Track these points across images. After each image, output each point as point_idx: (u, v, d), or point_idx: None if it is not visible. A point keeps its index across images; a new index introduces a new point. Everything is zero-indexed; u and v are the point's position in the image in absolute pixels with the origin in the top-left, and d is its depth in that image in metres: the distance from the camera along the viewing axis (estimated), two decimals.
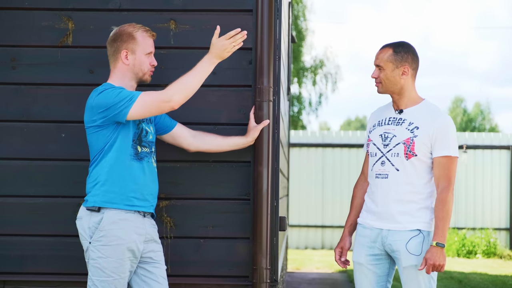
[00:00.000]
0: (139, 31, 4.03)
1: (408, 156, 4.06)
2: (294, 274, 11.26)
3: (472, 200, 15.67)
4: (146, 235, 3.99)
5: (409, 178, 4.07)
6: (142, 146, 4.00)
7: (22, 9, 4.57)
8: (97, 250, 3.88)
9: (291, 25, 11.00)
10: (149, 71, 4.07)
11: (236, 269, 4.53)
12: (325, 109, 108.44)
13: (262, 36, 4.41)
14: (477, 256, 14.62)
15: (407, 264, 4.04)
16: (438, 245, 3.95)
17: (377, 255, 4.14)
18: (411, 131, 4.08)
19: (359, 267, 4.19)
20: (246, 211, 4.51)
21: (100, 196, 3.91)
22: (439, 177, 4.06)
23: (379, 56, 4.14)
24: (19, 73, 4.55)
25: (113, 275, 3.88)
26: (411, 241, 4.04)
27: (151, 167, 4.04)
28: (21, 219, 4.55)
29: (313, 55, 29.50)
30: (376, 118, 4.29)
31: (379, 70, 4.14)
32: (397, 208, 4.07)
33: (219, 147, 4.38)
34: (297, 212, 15.51)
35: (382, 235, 4.11)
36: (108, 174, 3.93)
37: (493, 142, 15.76)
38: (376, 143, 4.18)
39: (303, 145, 15.76)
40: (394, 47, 4.14)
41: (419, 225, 4.06)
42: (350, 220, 4.34)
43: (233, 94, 4.53)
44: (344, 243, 4.31)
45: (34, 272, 4.57)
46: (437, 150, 4.06)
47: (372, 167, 4.18)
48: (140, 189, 3.96)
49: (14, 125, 4.55)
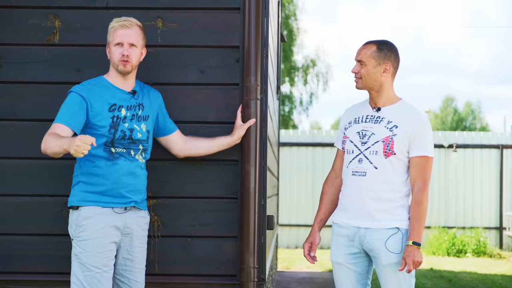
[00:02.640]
0: (113, 23, 4.09)
1: (387, 154, 4.06)
2: (284, 273, 11.26)
3: (462, 199, 15.71)
4: (124, 229, 4.05)
5: (387, 176, 4.07)
6: (116, 147, 4.01)
7: (8, 7, 4.55)
8: (77, 246, 3.97)
9: (282, 24, 11.00)
10: (120, 61, 4.04)
11: (224, 268, 4.52)
12: (316, 108, 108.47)
13: (250, 34, 4.40)
14: (467, 255, 14.66)
15: (387, 262, 4.03)
16: (414, 244, 3.97)
17: (355, 253, 4.14)
18: (390, 129, 4.08)
19: (338, 266, 4.18)
20: (233, 209, 4.50)
21: (76, 195, 4.02)
22: (415, 177, 4.07)
23: (361, 52, 4.12)
24: (6, 71, 4.53)
25: (94, 269, 3.93)
26: (390, 239, 4.04)
27: (130, 165, 4.05)
28: (8, 218, 4.53)
29: (304, 55, 29.56)
30: (351, 115, 4.26)
31: (361, 65, 4.12)
32: (375, 206, 4.06)
33: (206, 150, 4.40)
34: (287, 211, 15.52)
35: (360, 233, 4.10)
36: (83, 175, 4.02)
37: (483, 141, 15.81)
38: (353, 140, 4.15)
39: (294, 144, 15.77)
40: (378, 44, 4.13)
41: (398, 223, 4.06)
42: (319, 216, 4.33)
43: (220, 93, 4.52)
44: (313, 238, 4.29)
45: (21, 271, 4.54)
46: (415, 150, 4.07)
47: (348, 164, 4.15)
48: (116, 187, 4.01)
49: (0, 124, 4.53)
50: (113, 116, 4.00)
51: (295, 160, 15.76)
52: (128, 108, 4.06)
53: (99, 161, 3.99)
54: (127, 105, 4.06)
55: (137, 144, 4.07)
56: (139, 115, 4.10)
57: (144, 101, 4.15)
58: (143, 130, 4.11)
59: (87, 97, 3.97)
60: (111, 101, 4.03)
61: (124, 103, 4.06)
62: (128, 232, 4.05)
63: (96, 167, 3.99)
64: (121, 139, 4.01)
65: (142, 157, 4.12)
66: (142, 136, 4.10)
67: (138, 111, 4.10)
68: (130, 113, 4.06)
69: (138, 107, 4.10)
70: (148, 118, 4.15)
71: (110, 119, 4.00)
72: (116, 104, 4.03)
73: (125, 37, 4.05)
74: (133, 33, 4.06)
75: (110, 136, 3.99)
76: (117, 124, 4.01)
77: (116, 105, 4.03)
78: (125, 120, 4.04)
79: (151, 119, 4.17)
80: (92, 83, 4.07)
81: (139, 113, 4.10)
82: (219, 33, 4.51)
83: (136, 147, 4.07)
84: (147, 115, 4.14)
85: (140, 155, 4.10)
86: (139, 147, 4.08)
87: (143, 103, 4.14)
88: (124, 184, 4.02)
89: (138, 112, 4.09)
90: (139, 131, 4.08)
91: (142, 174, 4.13)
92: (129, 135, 4.04)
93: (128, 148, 4.04)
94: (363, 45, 4.16)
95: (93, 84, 4.05)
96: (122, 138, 4.02)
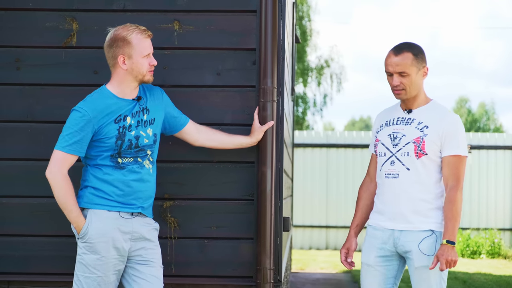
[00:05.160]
0: (133, 34, 3.97)
1: (418, 155, 4.04)
2: (298, 275, 11.26)
3: (476, 200, 15.65)
4: (133, 233, 4.00)
5: (419, 177, 4.05)
6: (123, 157, 3.99)
7: (26, 10, 4.57)
8: (82, 247, 3.95)
9: (296, 26, 11.00)
10: (149, 72, 4.03)
11: (240, 269, 4.53)
12: (330, 109, 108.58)
13: (266, 37, 4.41)
14: (482, 257, 14.61)
15: (419, 265, 4.01)
16: (448, 243, 3.93)
17: (387, 256, 4.13)
18: (421, 130, 4.06)
19: (367, 268, 4.17)
20: (250, 211, 4.51)
21: (84, 198, 4.00)
22: (448, 176, 4.04)
23: (400, 63, 4.03)
24: (23, 73, 4.56)
25: (96, 272, 3.92)
26: (423, 241, 4.02)
27: (138, 172, 4.03)
28: (25, 219, 4.56)
29: (318, 55, 29.52)
30: (383, 118, 4.25)
31: (402, 76, 4.04)
32: (409, 207, 4.05)
33: (223, 144, 4.38)
34: (301, 212, 15.51)
35: (394, 236, 4.08)
36: (91, 180, 4.01)
37: (497, 142, 15.75)
38: (384, 143, 4.14)
39: (308, 146, 15.76)
40: (411, 50, 4.05)
41: (432, 225, 4.04)
42: (356, 221, 4.32)
43: (237, 95, 4.53)
44: (350, 244, 4.28)
45: (38, 272, 4.57)
46: (447, 149, 4.04)
47: (381, 167, 4.15)
48: (124, 194, 3.99)
49: (18, 126, 4.56)
50: (119, 127, 3.97)
51: (309, 161, 15.75)
52: (133, 116, 4.01)
53: (106, 169, 3.98)
54: (132, 113, 4.02)
55: (145, 150, 4.04)
56: (144, 120, 4.05)
57: (149, 104, 4.10)
58: (150, 135, 4.07)
59: (92, 115, 3.92)
60: (117, 112, 3.98)
61: (129, 111, 4.01)
62: (137, 237, 4.01)
63: (104, 174, 3.98)
64: (127, 149, 3.98)
65: (150, 161, 4.09)
66: (149, 141, 4.06)
67: (143, 116, 4.05)
68: (135, 120, 4.01)
69: (142, 112, 4.05)
70: (155, 120, 4.11)
71: (117, 130, 3.96)
72: (121, 115, 3.99)
73: (151, 47, 4.03)
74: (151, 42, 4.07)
75: (117, 148, 3.96)
76: (123, 134, 3.97)
77: (122, 116, 3.98)
78: (131, 128, 4.00)
79: (158, 121, 4.13)
80: (95, 97, 4.00)
81: (144, 118, 4.05)
82: (235, 36, 4.52)
83: (143, 153, 4.04)
84: (153, 118, 4.10)
85: (147, 160, 4.07)
86: (146, 152, 4.05)
87: (147, 106, 4.09)
88: (131, 191, 3.99)
89: (143, 118, 4.04)
90: (145, 137, 4.04)
91: (151, 180, 4.09)
92: (136, 143, 4.00)
93: (136, 156, 4.01)
94: (397, 55, 4.05)
95: (97, 98, 3.99)
96: (128, 147, 3.98)
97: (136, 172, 4.01)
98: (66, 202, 3.91)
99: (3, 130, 4.57)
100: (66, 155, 3.93)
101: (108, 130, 3.95)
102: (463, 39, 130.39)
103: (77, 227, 3.93)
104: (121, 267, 4.00)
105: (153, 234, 4.10)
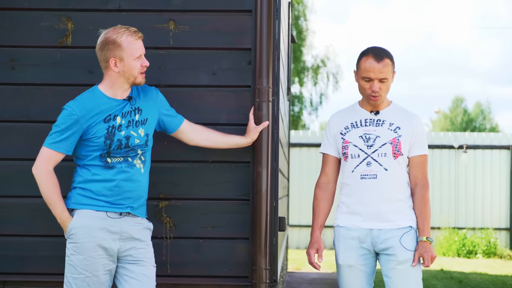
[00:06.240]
0: (123, 37, 3.96)
1: (395, 156, 4.13)
2: (294, 274, 11.26)
3: (472, 200, 15.67)
4: (122, 233, 3.98)
5: (395, 177, 4.14)
6: (112, 157, 3.98)
7: (21, 9, 4.57)
8: (70, 247, 3.95)
9: (291, 25, 11.00)
10: (140, 74, 4.02)
11: (236, 269, 4.53)
12: (326, 108, 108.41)
13: (261, 37, 4.41)
14: (477, 256, 14.63)
15: (403, 258, 4.09)
16: (428, 240, 4.10)
17: (365, 254, 4.18)
18: (394, 131, 4.15)
19: (349, 269, 4.20)
20: (245, 211, 4.51)
21: (72, 199, 4.00)
22: (417, 176, 4.18)
23: (384, 70, 4.08)
24: (19, 73, 4.56)
25: (84, 272, 3.91)
26: (404, 237, 4.11)
27: (128, 172, 4.01)
28: (20, 219, 4.55)
29: (314, 55, 29.55)
30: (344, 120, 4.27)
31: (382, 82, 4.10)
32: (388, 207, 4.13)
33: (218, 144, 4.38)
34: (297, 212, 15.51)
35: (373, 234, 4.14)
36: (80, 181, 4.01)
37: (493, 142, 15.77)
38: (357, 145, 4.18)
39: (304, 145, 15.77)
40: (388, 56, 4.13)
41: (410, 222, 4.16)
42: (319, 222, 4.34)
43: (232, 95, 4.53)
44: (319, 245, 4.29)
45: (34, 272, 4.57)
46: (416, 149, 4.18)
47: (354, 168, 4.18)
48: (112, 194, 3.97)
49: (13, 126, 4.56)
50: (109, 126, 3.96)
51: (305, 161, 15.75)
52: (123, 116, 4.00)
53: (95, 169, 3.98)
54: (122, 112, 4.00)
55: (136, 150, 4.02)
56: (136, 120, 4.03)
57: (141, 104, 4.09)
58: (141, 135, 4.05)
59: (80, 114, 3.92)
60: (106, 112, 3.97)
61: (119, 111, 4.00)
62: (126, 236, 3.99)
63: (93, 174, 3.97)
64: (117, 149, 3.97)
65: (141, 161, 4.07)
66: (140, 141, 4.04)
67: (134, 116, 4.03)
68: (126, 120, 4.00)
69: (134, 112, 4.04)
70: (147, 121, 4.08)
71: (105, 130, 3.95)
72: (111, 114, 3.98)
73: (143, 48, 4.03)
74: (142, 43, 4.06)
75: (106, 148, 3.95)
76: (112, 134, 3.96)
77: (111, 115, 3.97)
78: (121, 128, 3.98)
79: (150, 121, 4.11)
80: (86, 96, 4.00)
81: (136, 118, 4.04)
82: (231, 36, 4.52)
83: (134, 153, 4.02)
84: (145, 119, 4.08)
85: (138, 160, 4.05)
86: (137, 152, 4.04)
87: (139, 106, 4.07)
88: (120, 191, 3.98)
89: (134, 118, 4.03)
90: (136, 137, 4.03)
91: (141, 179, 4.06)
92: (126, 143, 3.99)
93: (126, 156, 4.00)
94: (380, 62, 4.08)
95: (87, 98, 3.99)
96: (118, 147, 3.97)
97: (125, 171, 4.00)
98: (51, 197, 3.93)
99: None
100: (52, 152, 3.96)
101: (97, 129, 3.94)
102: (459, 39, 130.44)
103: (61, 223, 3.95)
104: (112, 267, 3.99)
105: (144, 233, 4.08)
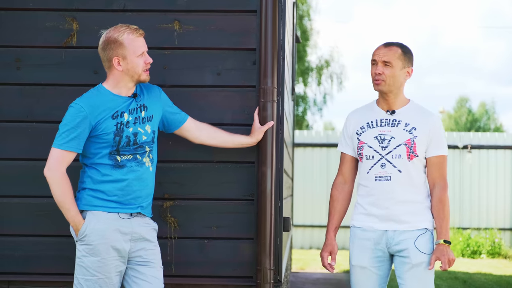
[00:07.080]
0: (124, 35, 3.97)
1: (410, 157, 4.07)
2: (298, 274, 11.27)
3: (476, 200, 15.65)
4: (133, 234, 3.98)
5: (411, 179, 4.09)
6: (122, 155, 3.98)
7: (26, 9, 4.57)
8: (81, 249, 3.93)
9: (296, 25, 11.00)
10: (144, 71, 4.02)
11: (240, 269, 4.53)
12: (330, 108, 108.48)
13: (266, 37, 4.41)
14: (482, 256, 14.62)
15: (417, 261, 4.04)
16: (446, 242, 4.02)
17: (380, 257, 4.14)
18: (410, 132, 4.09)
19: (362, 270, 4.16)
20: (250, 211, 4.51)
21: (82, 200, 3.98)
22: (435, 177, 4.12)
23: (388, 53, 4.08)
24: (24, 73, 4.56)
25: (97, 274, 3.90)
26: (419, 239, 4.06)
27: (138, 171, 4.02)
28: (25, 219, 4.56)
29: (318, 55, 29.53)
30: (361, 119, 4.24)
31: (386, 66, 4.09)
32: (403, 209, 4.08)
33: (224, 143, 4.38)
34: (301, 212, 15.52)
35: (387, 236, 4.10)
36: (89, 182, 3.99)
37: (497, 142, 15.74)
38: (372, 146, 4.15)
39: (308, 145, 15.77)
40: (401, 47, 4.12)
41: (426, 223, 4.10)
42: (334, 224, 4.30)
43: (237, 95, 4.53)
44: (332, 247, 4.27)
45: (39, 272, 4.57)
46: (434, 150, 4.11)
47: (369, 170, 4.15)
48: (123, 194, 3.97)
49: (18, 126, 4.56)
50: (117, 123, 3.96)
51: (309, 161, 15.75)
52: (130, 112, 4.01)
53: (105, 169, 3.97)
54: (129, 109, 4.01)
55: (144, 147, 4.03)
56: (142, 116, 4.04)
57: (146, 101, 4.10)
58: (148, 132, 4.06)
59: (88, 110, 3.92)
60: (113, 108, 3.97)
61: (125, 108, 4.00)
62: (137, 237, 4.00)
63: (103, 175, 3.96)
64: (126, 146, 3.97)
65: (150, 158, 4.08)
66: (147, 138, 4.05)
67: (140, 113, 4.04)
68: (133, 117, 4.01)
69: (140, 109, 4.05)
70: (153, 118, 4.10)
71: (114, 126, 3.95)
72: (119, 111, 3.98)
73: (145, 45, 4.03)
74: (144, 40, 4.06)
75: (115, 144, 3.95)
76: (121, 130, 3.96)
77: (119, 112, 3.98)
78: (129, 125, 3.99)
79: (156, 118, 4.12)
80: (91, 94, 4.01)
81: (142, 115, 4.05)
82: (235, 36, 4.52)
83: (142, 150, 4.03)
84: (151, 115, 4.09)
85: (147, 157, 4.06)
86: (145, 149, 4.04)
87: (144, 103, 4.08)
88: (131, 191, 3.98)
89: (140, 114, 4.04)
90: (143, 133, 4.04)
91: (149, 178, 4.08)
92: (134, 140, 3.99)
93: (135, 153, 4.00)
94: (386, 47, 4.12)
95: (93, 95, 3.99)
96: (127, 144, 3.97)
97: (135, 170, 4.00)
98: (64, 200, 3.90)
99: (3, 130, 4.57)
100: (64, 152, 3.93)
101: (106, 126, 3.94)
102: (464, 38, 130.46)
103: (74, 226, 3.92)
104: (123, 268, 3.99)
105: (152, 234, 4.10)
